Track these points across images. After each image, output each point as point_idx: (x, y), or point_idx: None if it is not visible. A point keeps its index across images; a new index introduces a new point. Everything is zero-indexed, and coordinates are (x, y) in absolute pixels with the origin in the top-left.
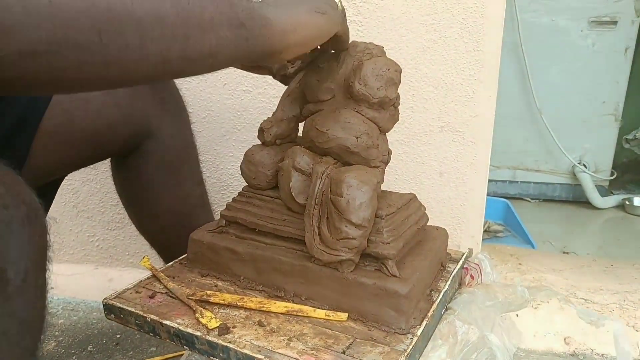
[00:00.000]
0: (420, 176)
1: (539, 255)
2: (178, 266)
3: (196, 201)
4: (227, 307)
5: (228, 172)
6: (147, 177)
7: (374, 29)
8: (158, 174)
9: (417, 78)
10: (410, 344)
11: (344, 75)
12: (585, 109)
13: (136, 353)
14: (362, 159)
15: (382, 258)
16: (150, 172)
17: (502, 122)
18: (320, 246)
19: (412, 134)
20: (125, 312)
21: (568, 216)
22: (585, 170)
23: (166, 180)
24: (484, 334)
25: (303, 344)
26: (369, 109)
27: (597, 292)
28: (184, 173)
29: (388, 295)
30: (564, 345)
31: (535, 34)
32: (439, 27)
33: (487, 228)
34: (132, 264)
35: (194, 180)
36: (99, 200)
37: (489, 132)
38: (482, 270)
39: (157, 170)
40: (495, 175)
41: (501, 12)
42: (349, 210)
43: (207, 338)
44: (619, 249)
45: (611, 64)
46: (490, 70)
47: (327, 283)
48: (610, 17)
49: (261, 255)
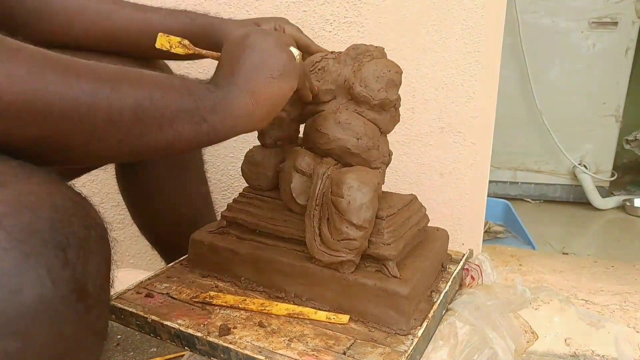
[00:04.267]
0: (421, 177)
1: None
2: (179, 267)
3: (201, 201)
4: (228, 308)
5: (229, 173)
6: (153, 176)
7: (375, 30)
8: (164, 173)
9: (417, 79)
10: (411, 345)
11: (345, 77)
12: (585, 110)
13: (137, 354)
14: (362, 160)
15: (383, 259)
16: (156, 171)
17: (503, 123)
18: (320, 247)
19: (413, 135)
20: (126, 313)
21: (568, 217)
22: (585, 171)
23: (172, 179)
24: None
25: (304, 345)
26: (370, 111)
27: (598, 293)
28: (189, 173)
29: (389, 296)
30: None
31: (536, 35)
32: (439, 29)
33: (487, 229)
34: (133, 265)
35: (198, 180)
36: (100, 201)
37: (489, 133)
38: (482, 271)
39: (162, 170)
40: (495, 176)
41: (502, 13)
42: (350, 211)
43: (208, 339)
44: (619, 249)
45: (612, 65)
46: (491, 71)
47: (327, 284)
48: (610, 18)
49: (262, 256)
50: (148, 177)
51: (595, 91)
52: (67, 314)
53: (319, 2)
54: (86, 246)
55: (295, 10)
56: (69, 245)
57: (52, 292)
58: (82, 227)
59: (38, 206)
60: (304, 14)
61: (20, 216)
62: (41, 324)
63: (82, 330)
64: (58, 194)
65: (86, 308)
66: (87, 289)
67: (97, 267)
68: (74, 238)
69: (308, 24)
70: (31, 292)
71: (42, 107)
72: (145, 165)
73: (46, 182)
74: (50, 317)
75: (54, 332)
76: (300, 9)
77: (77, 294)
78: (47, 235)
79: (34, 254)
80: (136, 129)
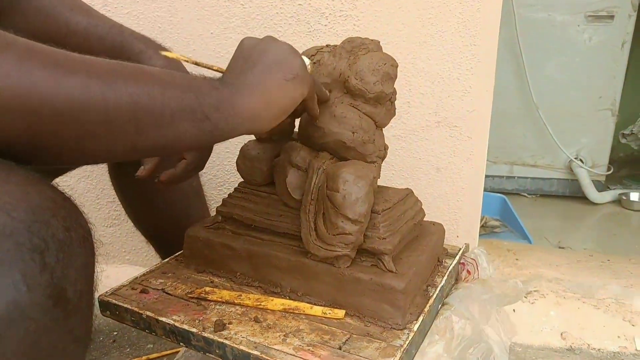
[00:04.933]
0: (417, 171)
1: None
2: (174, 262)
3: (193, 193)
4: (223, 304)
5: (224, 168)
6: None
7: (370, 23)
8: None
9: (413, 73)
10: (406, 340)
11: (340, 70)
12: (582, 103)
13: (133, 350)
14: (358, 154)
15: (379, 253)
16: None
17: (499, 117)
18: (316, 242)
19: (409, 129)
20: (121, 309)
21: (565, 211)
22: (582, 165)
23: None
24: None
25: (299, 340)
26: (365, 104)
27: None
28: None
29: (384, 291)
30: (561, 340)
31: (532, 28)
32: (435, 22)
33: (484, 223)
34: (129, 261)
35: None
36: (95, 197)
37: (485, 127)
38: (478, 265)
39: None
40: (492, 171)
41: (498, 7)
42: (345, 206)
43: (203, 335)
44: (615, 243)
45: (608, 59)
46: (487, 65)
47: (323, 279)
48: (607, 12)
49: (257, 251)
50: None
51: (591, 85)
52: (44, 320)
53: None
54: (66, 249)
55: (290, 3)
56: (47, 248)
57: (27, 297)
58: (63, 228)
59: (13, 207)
60: (299, 7)
61: None
62: (14, 332)
63: (60, 337)
64: (36, 194)
65: (65, 314)
66: (66, 294)
67: (78, 271)
68: (52, 240)
69: (303, 18)
70: (4, 298)
71: (31, 103)
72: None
73: (25, 182)
74: (24, 324)
75: (28, 339)
76: (295, 3)
77: (55, 299)
78: (22, 238)
79: (7, 259)
80: (133, 126)
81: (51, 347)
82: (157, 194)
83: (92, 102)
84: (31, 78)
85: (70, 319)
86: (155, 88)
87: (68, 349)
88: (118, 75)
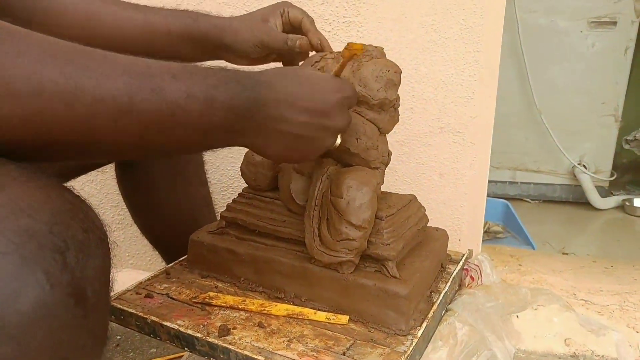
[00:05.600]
0: (420, 177)
1: (539, 256)
2: (178, 267)
3: (201, 201)
4: (227, 309)
5: (228, 173)
6: (153, 177)
7: (374, 29)
8: (164, 174)
9: (416, 79)
10: (410, 346)
11: (344, 77)
12: (585, 109)
13: (136, 354)
14: (362, 160)
15: (382, 259)
16: (156, 172)
17: (502, 123)
18: (320, 247)
19: (412, 135)
20: (126, 314)
21: (568, 217)
22: (585, 171)
23: (172, 180)
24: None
25: (303, 346)
26: (369, 110)
27: (597, 293)
28: (189, 173)
29: (388, 297)
30: (564, 346)
31: (535, 34)
32: (438, 28)
33: (487, 229)
34: (133, 265)
35: (199, 181)
36: (99, 202)
37: (488, 132)
38: (482, 271)
39: (162, 171)
40: (495, 176)
41: (501, 13)
42: (349, 212)
43: (208, 339)
44: (619, 249)
45: (611, 65)
46: (490, 70)
47: (327, 284)
48: (610, 18)
49: (261, 256)
50: (148, 179)
51: (594, 91)
52: (66, 318)
53: (318, 2)
54: (85, 250)
55: None
56: (67, 249)
57: (50, 296)
58: (81, 230)
59: (36, 210)
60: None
61: (18, 220)
62: (39, 329)
63: (80, 334)
64: (57, 198)
65: (85, 312)
66: (86, 293)
67: (96, 271)
68: (72, 242)
69: None
70: (29, 296)
71: (42, 94)
72: (145, 166)
73: (45, 185)
74: (48, 321)
75: (52, 336)
76: None
77: (76, 298)
78: (45, 239)
79: (32, 258)
80: (129, 124)
81: (73, 344)
82: (165, 202)
83: (82, 91)
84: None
85: (90, 317)
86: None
87: (88, 346)
88: (114, 66)
